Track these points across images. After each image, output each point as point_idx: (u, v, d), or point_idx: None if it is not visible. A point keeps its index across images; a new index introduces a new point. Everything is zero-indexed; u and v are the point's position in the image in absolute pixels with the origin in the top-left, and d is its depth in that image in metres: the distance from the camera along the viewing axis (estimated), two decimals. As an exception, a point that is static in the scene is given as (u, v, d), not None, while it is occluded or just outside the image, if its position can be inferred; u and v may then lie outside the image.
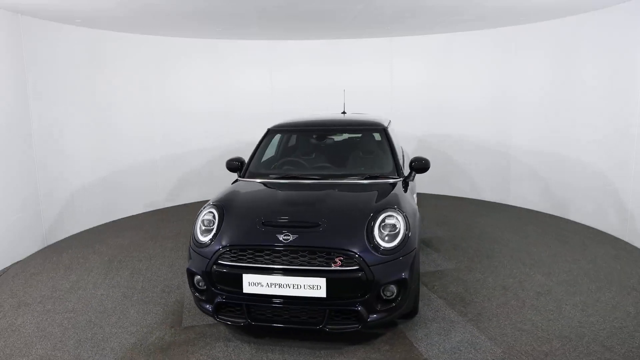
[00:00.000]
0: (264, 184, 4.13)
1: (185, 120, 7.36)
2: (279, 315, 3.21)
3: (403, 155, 5.10)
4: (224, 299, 3.24)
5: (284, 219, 3.37)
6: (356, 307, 3.09)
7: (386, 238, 3.23)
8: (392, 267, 3.15)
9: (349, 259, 3.10)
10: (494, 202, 7.23)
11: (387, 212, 3.35)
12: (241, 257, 3.22)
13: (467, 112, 7.35)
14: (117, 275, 4.68)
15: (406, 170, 4.38)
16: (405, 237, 3.26)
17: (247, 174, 4.36)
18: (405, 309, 3.34)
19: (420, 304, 3.83)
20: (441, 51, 7.45)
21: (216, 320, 3.30)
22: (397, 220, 3.32)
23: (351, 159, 4.58)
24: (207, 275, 3.26)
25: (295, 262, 3.15)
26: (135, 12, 5.24)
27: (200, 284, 3.34)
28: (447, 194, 7.72)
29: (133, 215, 6.86)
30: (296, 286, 3.10)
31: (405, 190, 3.94)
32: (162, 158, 7.21)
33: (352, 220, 3.34)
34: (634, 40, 5.09)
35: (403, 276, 3.15)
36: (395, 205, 3.45)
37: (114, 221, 6.60)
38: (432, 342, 3.32)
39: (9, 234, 5.06)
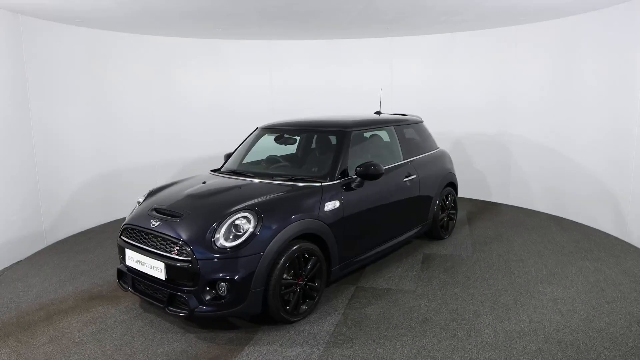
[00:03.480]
0: (208, 177, 4.46)
1: (186, 120, 7.37)
2: (147, 289, 3.61)
3: (407, 159, 4.92)
4: (122, 267, 3.82)
5: (162, 208, 3.78)
6: (186, 295, 3.31)
7: (230, 237, 3.35)
8: (224, 265, 3.27)
9: (183, 249, 3.34)
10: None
11: (242, 212, 3.46)
12: (129, 235, 3.78)
13: (467, 112, 7.35)
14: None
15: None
16: (249, 239, 3.33)
17: (221, 169, 4.76)
18: (244, 310, 3.34)
19: (317, 316, 3.73)
20: (441, 51, 7.45)
21: (117, 283, 3.91)
22: (247, 222, 3.41)
23: (304, 160, 4.67)
24: (117, 246, 3.92)
25: (153, 245, 3.55)
26: (135, 13, 5.24)
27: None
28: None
29: (133, 215, 6.87)
30: (149, 266, 3.53)
31: (324, 196, 3.85)
32: (162, 157, 7.22)
33: (207, 215, 3.53)
34: (634, 40, 5.09)
35: (231, 276, 3.25)
36: (257, 208, 3.50)
37: (114, 220, 6.61)
38: (265, 350, 3.27)
39: (9, 234, 5.07)
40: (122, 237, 3.83)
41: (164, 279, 3.41)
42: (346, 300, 4.03)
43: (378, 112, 5.64)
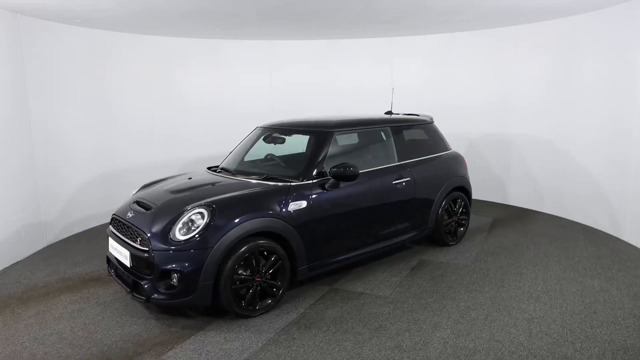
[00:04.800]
0: (196, 174, 4.68)
1: (186, 120, 7.37)
2: (122, 275, 3.88)
3: (403, 160, 4.78)
4: (109, 254, 4.11)
5: (141, 200, 4.06)
6: (145, 283, 3.55)
7: (185, 231, 3.54)
8: (175, 257, 3.47)
9: (144, 240, 3.60)
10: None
11: (198, 208, 3.63)
12: (113, 224, 4.11)
13: (467, 112, 7.35)
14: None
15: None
16: (200, 234, 3.49)
17: (219, 167, 4.86)
18: (194, 301, 3.50)
19: (276, 312, 3.80)
20: (441, 51, 7.45)
21: (106, 269, 4.26)
22: (200, 217, 3.58)
23: (291, 159, 4.70)
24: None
25: (126, 234, 3.84)
26: (135, 13, 5.24)
27: None
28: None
29: (133, 215, 6.89)
30: (120, 253, 3.86)
31: (290, 195, 3.89)
32: (162, 157, 7.22)
33: (170, 209, 3.76)
34: (634, 40, 5.08)
35: (181, 267, 3.44)
36: (213, 204, 3.64)
37: (114, 221, 6.63)
38: (208, 340, 3.43)
39: (9, 234, 5.06)
40: (110, 225, 4.17)
41: (129, 266, 3.72)
42: (313, 300, 4.04)
43: (389, 112, 5.56)
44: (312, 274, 4.12)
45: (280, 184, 4.03)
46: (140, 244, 3.63)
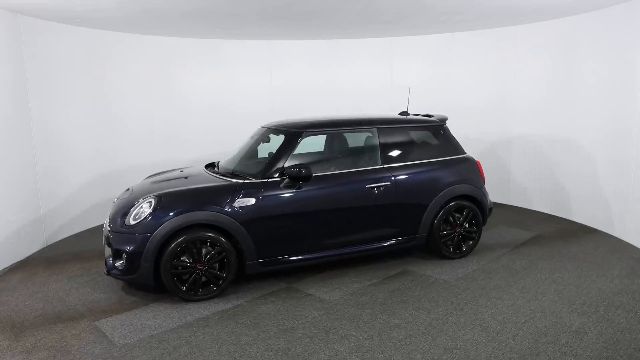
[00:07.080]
0: (189, 169, 5.07)
1: (186, 120, 7.37)
2: None
3: (388, 163, 4.58)
4: None
5: (130, 188, 4.62)
6: (109, 259, 4.03)
7: (135, 217, 3.97)
8: (124, 239, 3.92)
9: (110, 222, 4.15)
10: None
11: (149, 198, 4.03)
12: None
13: (467, 112, 7.34)
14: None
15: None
16: (143, 221, 3.90)
17: (217, 164, 5.07)
18: (139, 279, 3.92)
19: (217, 300, 4.01)
20: (441, 51, 7.45)
21: None
22: (149, 206, 3.97)
23: (260, 159, 4.86)
24: None
25: (109, 215, 4.37)
26: (135, 13, 5.24)
27: None
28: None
29: (133, 215, 6.92)
30: (104, 231, 4.32)
31: (240, 192, 4.07)
32: (162, 157, 7.22)
33: (136, 196, 4.22)
34: (634, 40, 5.08)
35: (125, 248, 3.88)
36: (160, 194, 4.03)
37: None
38: (140, 315, 3.80)
39: (9, 233, 5.06)
40: None
41: (103, 243, 4.20)
42: (259, 294, 4.14)
43: (404, 113, 5.40)
44: (264, 269, 4.23)
45: (234, 180, 4.24)
46: (108, 225, 4.14)
